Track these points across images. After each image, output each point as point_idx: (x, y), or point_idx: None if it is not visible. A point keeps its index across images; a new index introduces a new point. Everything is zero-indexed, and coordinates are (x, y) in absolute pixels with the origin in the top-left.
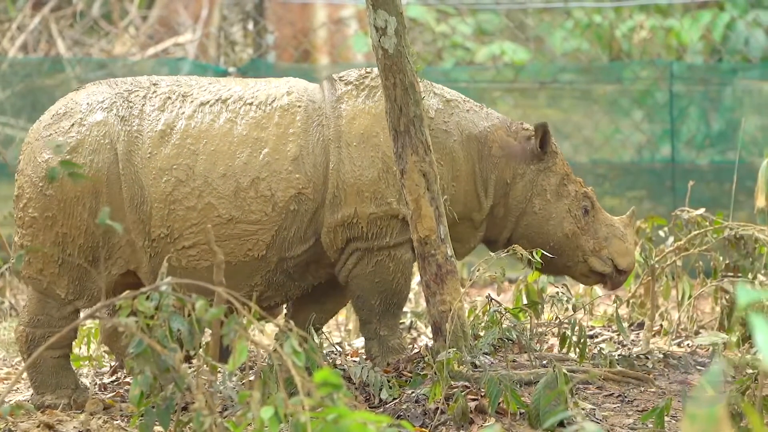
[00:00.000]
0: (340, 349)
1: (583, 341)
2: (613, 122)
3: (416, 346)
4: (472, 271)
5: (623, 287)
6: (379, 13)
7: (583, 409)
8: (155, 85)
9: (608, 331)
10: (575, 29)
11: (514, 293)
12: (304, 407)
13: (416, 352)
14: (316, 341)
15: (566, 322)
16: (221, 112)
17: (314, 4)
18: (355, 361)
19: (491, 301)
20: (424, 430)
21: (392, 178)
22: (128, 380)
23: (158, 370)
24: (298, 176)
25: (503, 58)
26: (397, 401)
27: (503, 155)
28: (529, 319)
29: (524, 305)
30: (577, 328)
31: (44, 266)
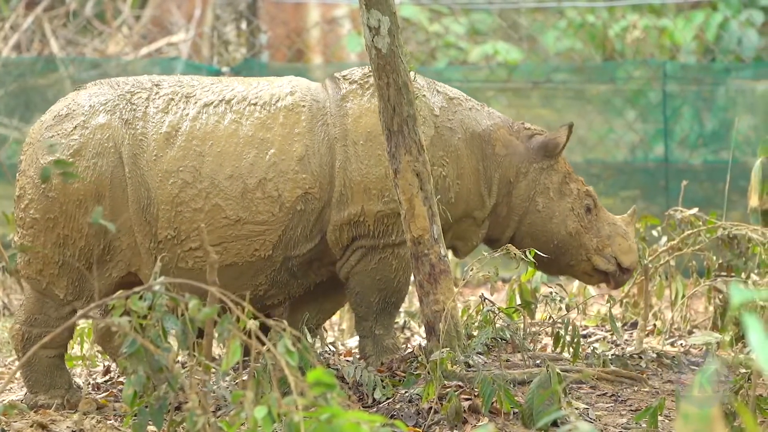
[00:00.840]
0: (333, 348)
1: (576, 341)
2: (606, 122)
3: (410, 345)
4: (465, 270)
5: None
6: (372, 12)
7: (576, 408)
8: (157, 85)
9: (602, 330)
10: (568, 29)
11: (507, 293)
12: (297, 407)
13: (410, 351)
14: (309, 341)
15: (560, 321)
16: (226, 113)
17: (307, 3)
18: (348, 360)
19: (485, 300)
20: (417, 429)
21: None
22: (121, 380)
23: (151, 369)
24: (304, 176)
25: (496, 57)
26: (390, 401)
27: (507, 154)
28: (522, 318)
29: (518, 305)
30: (570, 327)
31: (44, 267)
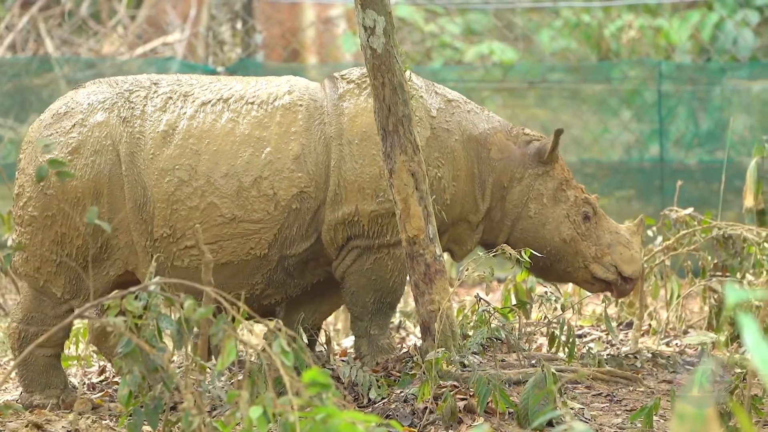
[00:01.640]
0: (325, 348)
1: (571, 341)
2: (601, 122)
3: (405, 345)
4: (460, 270)
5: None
6: (367, 12)
7: (571, 408)
8: (156, 84)
9: (597, 330)
10: (564, 29)
11: (502, 293)
12: (292, 407)
13: (405, 351)
14: (305, 341)
15: (555, 321)
16: (223, 111)
17: (303, 3)
18: (343, 360)
19: (480, 300)
20: (412, 429)
21: None
22: (117, 380)
23: (147, 369)
24: (300, 175)
25: (492, 57)
26: (385, 401)
27: (501, 158)
28: (517, 318)
29: (513, 305)
30: (565, 327)
31: (41, 265)
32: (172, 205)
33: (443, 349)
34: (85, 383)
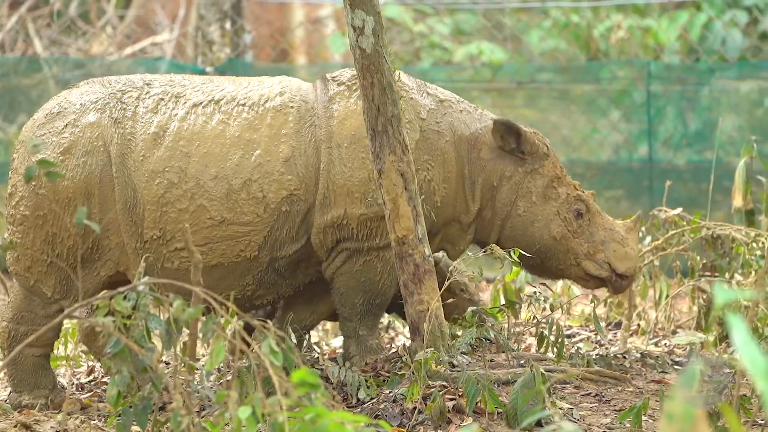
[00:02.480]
0: (317, 348)
1: (560, 341)
2: (590, 122)
3: (394, 345)
4: (450, 270)
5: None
6: (356, 12)
7: (560, 408)
8: (148, 85)
9: (586, 330)
10: (553, 29)
11: (491, 293)
12: (281, 407)
13: (394, 351)
14: (293, 341)
15: (544, 321)
16: (214, 113)
17: (292, 3)
18: (333, 360)
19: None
20: (401, 429)
21: None
22: (105, 380)
23: (136, 369)
24: (290, 177)
25: (481, 57)
26: (374, 401)
27: (491, 158)
28: (506, 318)
29: (502, 305)
30: (554, 327)
31: (32, 264)
32: (161, 207)
33: (432, 349)
34: (74, 383)
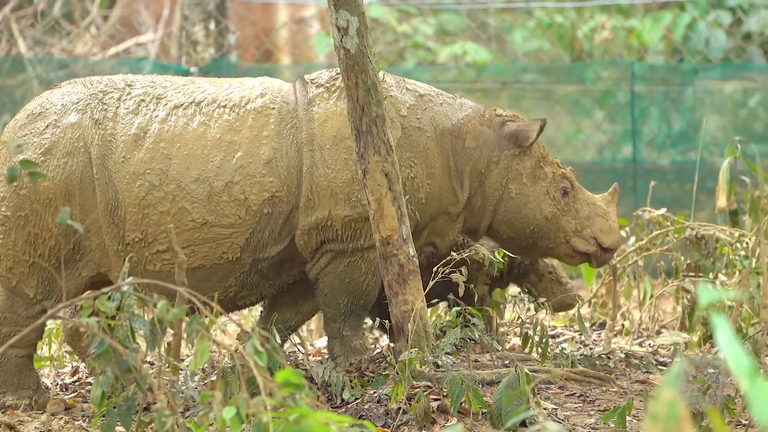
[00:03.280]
0: (302, 349)
1: (545, 341)
2: (574, 122)
3: (378, 346)
4: (434, 270)
5: (585, 286)
6: (340, 13)
7: (544, 408)
8: (130, 86)
9: (570, 330)
10: (537, 29)
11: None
12: (266, 407)
13: (378, 352)
14: (278, 341)
15: (528, 321)
16: (195, 115)
17: (276, 4)
18: (318, 360)
19: (453, 301)
20: (386, 430)
21: None
22: (90, 380)
23: (120, 370)
24: (271, 179)
25: (465, 58)
26: (359, 401)
27: (477, 146)
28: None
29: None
30: (539, 327)
31: (14, 265)
32: (143, 209)
33: (416, 349)
34: (58, 384)
